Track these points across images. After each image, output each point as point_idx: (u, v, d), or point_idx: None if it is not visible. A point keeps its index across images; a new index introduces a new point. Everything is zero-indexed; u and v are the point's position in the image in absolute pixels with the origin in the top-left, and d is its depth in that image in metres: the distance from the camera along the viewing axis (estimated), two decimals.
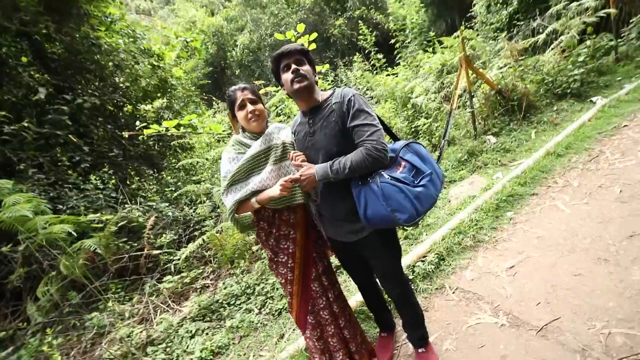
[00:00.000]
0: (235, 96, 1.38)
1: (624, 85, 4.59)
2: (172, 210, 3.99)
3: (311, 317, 1.48)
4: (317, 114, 1.36)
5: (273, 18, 12.32)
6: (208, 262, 3.60)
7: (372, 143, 1.21)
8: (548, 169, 3.14)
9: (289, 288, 1.45)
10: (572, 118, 4.21)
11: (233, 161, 1.39)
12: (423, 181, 1.27)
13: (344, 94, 1.31)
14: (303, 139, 1.41)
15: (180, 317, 2.73)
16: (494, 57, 5.85)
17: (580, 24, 4.85)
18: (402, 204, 1.21)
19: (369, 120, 1.25)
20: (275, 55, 1.33)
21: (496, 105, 4.65)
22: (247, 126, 1.42)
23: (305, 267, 1.46)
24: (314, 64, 1.39)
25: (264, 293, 2.73)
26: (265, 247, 1.47)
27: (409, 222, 1.22)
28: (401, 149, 1.34)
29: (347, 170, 1.23)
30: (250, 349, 2.24)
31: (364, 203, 1.27)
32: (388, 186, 1.22)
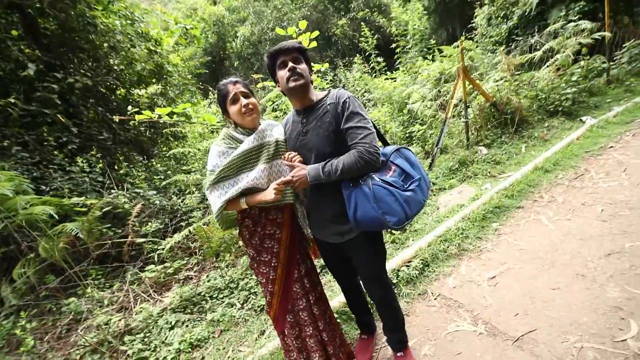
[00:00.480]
0: (227, 90, 1.34)
1: (612, 108, 4.73)
2: (160, 199, 3.93)
3: (290, 316, 1.47)
4: (311, 114, 1.36)
5: (276, 12, 12.23)
6: (193, 253, 3.56)
7: (365, 146, 1.22)
8: (535, 184, 3.21)
9: (270, 287, 1.43)
10: (561, 135, 4.31)
11: (223, 155, 1.34)
12: (412, 186, 1.29)
13: (339, 95, 1.30)
14: (295, 137, 1.41)
15: (161, 307, 2.70)
16: (491, 70, 5.95)
17: (576, 44, 4.97)
18: (393, 207, 1.22)
19: (362, 123, 1.25)
20: (273, 51, 1.31)
21: (490, 117, 4.73)
22: (241, 121, 1.37)
23: (289, 267, 1.45)
24: (310, 63, 1.39)
25: (248, 288, 2.71)
26: (248, 246, 1.44)
27: (398, 225, 1.24)
28: (392, 153, 1.35)
29: (339, 172, 1.23)
30: (230, 343, 2.22)
31: (354, 205, 1.28)
32: (379, 189, 1.23)
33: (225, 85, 1.36)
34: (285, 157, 1.38)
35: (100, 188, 3.73)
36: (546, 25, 6.51)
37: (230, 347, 2.17)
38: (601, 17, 5.72)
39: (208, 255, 3.35)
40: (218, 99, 1.39)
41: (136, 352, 2.25)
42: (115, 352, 2.33)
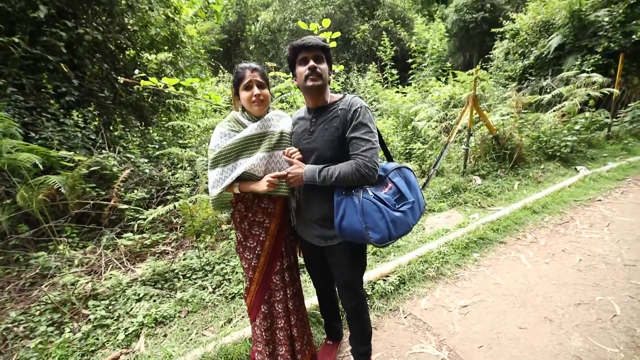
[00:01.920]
0: (244, 74, 1.34)
1: (607, 163, 4.86)
2: (150, 168, 3.86)
3: (265, 307, 1.48)
4: (321, 115, 1.35)
5: (301, 4, 12.14)
6: (174, 229, 3.51)
7: (365, 159, 1.21)
8: (521, 222, 3.27)
9: (251, 274, 1.45)
10: (554, 180, 4.40)
11: (224, 137, 1.35)
12: (404, 207, 1.28)
13: (353, 102, 1.29)
14: (301, 134, 1.40)
15: (132, 277, 2.65)
16: (500, 103, 6.04)
17: (584, 95, 5.08)
18: (378, 223, 1.22)
19: (368, 136, 1.24)
20: (296, 45, 1.29)
21: (490, 149, 4.80)
22: (249, 108, 1.38)
23: (272, 258, 1.45)
24: (331, 63, 1.37)
25: (223, 274, 2.69)
26: (237, 229, 1.45)
27: (380, 243, 1.24)
28: (392, 170, 1.34)
29: (333, 179, 1.24)
30: (195, 326, 2.20)
31: (342, 213, 1.28)
32: (368, 203, 1.22)
33: (244, 69, 1.35)
34: (286, 152, 1.37)
35: (91, 146, 3.65)
36: (560, 70, 6.65)
37: (195, 330, 2.14)
38: (613, 73, 5.88)
39: (189, 234, 3.31)
40: (234, 80, 1.38)
41: (98, 319, 2.20)
42: (77, 314, 2.28)
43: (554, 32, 7.15)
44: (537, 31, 7.69)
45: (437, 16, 12.01)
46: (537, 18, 7.71)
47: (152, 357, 1.88)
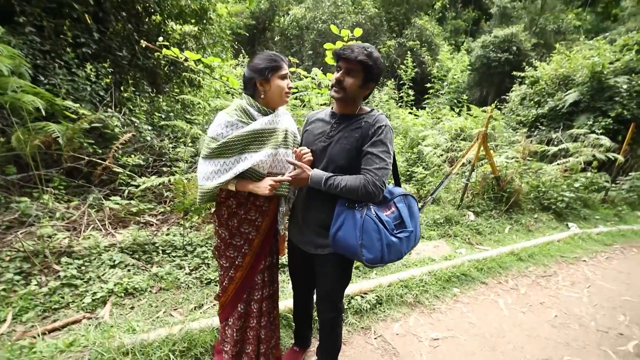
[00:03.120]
0: (280, 64, 1.28)
1: (598, 225, 4.91)
2: (152, 137, 3.81)
3: (242, 306, 1.43)
4: (344, 122, 1.33)
5: (333, 7, 12.20)
6: (163, 202, 3.47)
7: (374, 177, 1.20)
8: (506, 267, 3.28)
9: (232, 273, 1.39)
10: (545, 231, 4.44)
11: (231, 127, 1.25)
12: (401, 234, 1.28)
13: (378, 119, 1.28)
14: (318, 135, 1.37)
15: (111, 242, 2.60)
16: (507, 146, 6.10)
17: (590, 155, 5.15)
18: (374, 244, 1.21)
19: (384, 155, 1.23)
20: (338, 52, 1.27)
21: (489, 188, 4.83)
22: (276, 98, 1.30)
23: (258, 256, 1.42)
24: (371, 80, 1.27)
25: (203, 257, 2.65)
26: (222, 226, 1.36)
27: (370, 263, 1.23)
28: (399, 195, 1.35)
29: (338, 189, 1.23)
30: (165, 304, 2.15)
31: (340, 224, 1.26)
32: (370, 222, 1.22)
33: (281, 59, 1.29)
34: (297, 152, 1.34)
35: (97, 102, 3.59)
36: (571, 126, 6.75)
37: (163, 309, 2.10)
38: (620, 140, 5.98)
39: (177, 210, 3.26)
40: (264, 66, 1.26)
41: (68, 277, 2.15)
42: (48, 268, 2.23)
43: (573, 87, 7.26)
44: (556, 83, 7.80)
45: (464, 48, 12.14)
46: (558, 71, 7.83)
47: (115, 327, 1.84)
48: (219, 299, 1.45)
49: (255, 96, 1.33)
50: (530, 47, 12.34)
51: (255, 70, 1.28)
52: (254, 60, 1.30)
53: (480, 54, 12.67)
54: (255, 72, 1.28)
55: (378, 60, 1.26)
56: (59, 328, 1.84)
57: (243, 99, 1.35)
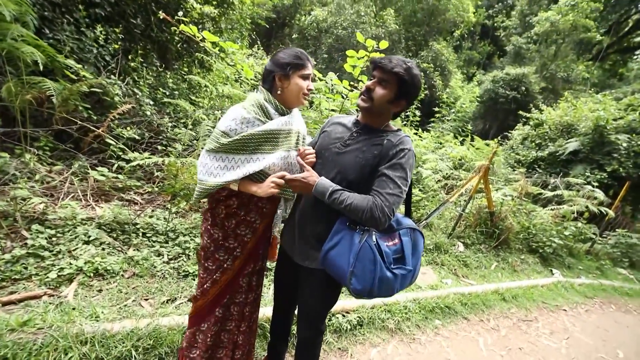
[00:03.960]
0: (305, 63, 1.19)
1: (581, 276, 4.95)
2: (153, 112, 3.66)
3: (221, 310, 1.32)
4: (365, 134, 1.23)
5: (355, 16, 12.22)
6: (152, 181, 3.31)
7: (384, 203, 1.10)
8: (489, 305, 3.23)
9: (217, 275, 1.27)
10: (529, 274, 4.43)
11: (247, 124, 1.15)
12: (398, 271, 1.15)
13: (403, 141, 1.18)
14: (333, 140, 1.27)
15: (89, 215, 2.44)
16: (503, 182, 6.13)
17: (583, 205, 5.21)
18: (366, 275, 1.11)
19: (399, 181, 1.13)
20: (375, 60, 1.19)
21: (482, 222, 4.81)
22: (292, 98, 1.22)
23: (248, 260, 1.31)
24: (404, 97, 1.17)
25: (184, 247, 2.51)
26: (215, 227, 1.25)
27: (357, 293, 1.13)
28: (406, 227, 1.23)
29: (342, 206, 1.12)
30: (135, 291, 2.01)
31: (335, 242, 1.17)
32: (368, 250, 1.11)
33: (306, 58, 1.21)
34: (300, 151, 1.25)
35: (102, 67, 3.43)
36: (567, 173, 6.85)
37: (133, 296, 1.96)
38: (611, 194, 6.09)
39: (165, 192, 3.11)
40: (287, 62, 1.18)
41: (36, 247, 1.99)
42: (15, 233, 2.06)
43: (574, 136, 7.39)
44: (559, 129, 7.94)
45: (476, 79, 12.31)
46: (563, 118, 7.97)
47: (77, 310, 1.69)
48: (195, 301, 1.32)
49: (272, 91, 1.24)
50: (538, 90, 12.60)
51: (276, 64, 1.20)
52: (278, 54, 1.21)
53: (490, 88, 12.88)
54: (276, 66, 1.20)
55: (416, 78, 1.15)
56: (16, 302, 1.68)
57: (260, 92, 1.25)
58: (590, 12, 13.15)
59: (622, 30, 18.91)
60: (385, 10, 12.78)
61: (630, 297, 4.89)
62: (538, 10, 15.26)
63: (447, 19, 13.89)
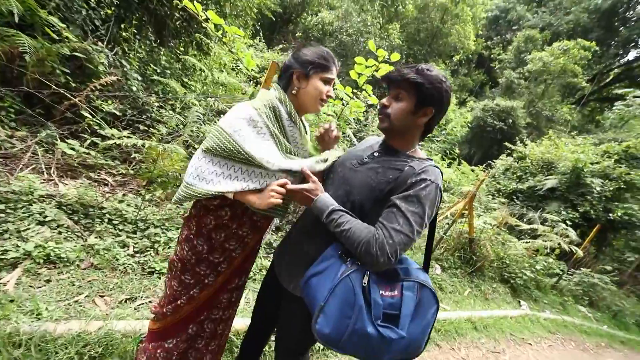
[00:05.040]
0: (330, 66, 1.06)
1: (545, 310, 5.09)
2: (140, 88, 3.39)
3: (194, 328, 1.15)
4: (386, 155, 1.08)
5: (361, 25, 12.25)
6: (128, 162, 3.06)
7: (387, 240, 0.89)
8: (462, 333, 3.21)
9: (194, 291, 1.10)
10: (500, 304, 4.49)
11: (254, 128, 1.00)
12: (385, 331, 0.87)
13: (426, 170, 0.97)
14: (351, 157, 1.14)
15: (49, 192, 2.18)
16: (484, 210, 6.25)
17: (555, 242, 5.38)
18: (338, 319, 0.87)
19: (411, 218, 0.91)
20: (385, 76, 1.06)
21: (461, 247, 4.85)
22: (309, 102, 1.08)
23: (232, 275, 1.16)
24: (427, 104, 0.99)
25: (154, 240, 2.29)
26: (199, 237, 1.08)
27: (324, 339, 0.89)
28: (413, 279, 0.97)
29: (339, 229, 0.95)
30: (91, 286, 1.79)
31: (321, 269, 0.98)
32: (347, 287, 0.89)
33: (332, 61, 1.07)
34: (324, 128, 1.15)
35: (89, 31, 3.14)
36: (543, 208, 7.09)
37: (87, 291, 1.74)
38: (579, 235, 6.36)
39: (141, 177, 2.87)
40: (308, 58, 1.05)
41: None
42: None
43: (554, 174, 7.69)
44: (540, 165, 8.24)
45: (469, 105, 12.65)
46: (545, 155, 8.29)
47: (16, 302, 1.46)
48: (162, 316, 1.14)
49: (287, 89, 1.09)
50: (524, 124, 13.12)
51: (297, 60, 1.06)
52: (302, 50, 1.08)
53: (479, 116, 13.27)
54: (296, 62, 1.06)
55: (436, 80, 0.97)
56: None
57: (275, 90, 1.09)
58: (580, 59, 13.91)
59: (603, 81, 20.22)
60: (391, 24, 12.90)
61: (588, 335, 5.08)
62: (533, 48, 15.99)
63: (449, 43, 14.23)
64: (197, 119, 2.99)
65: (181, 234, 1.13)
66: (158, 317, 1.16)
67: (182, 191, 1.00)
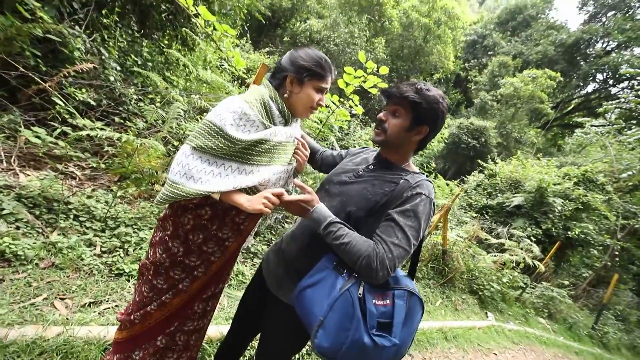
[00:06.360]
0: (325, 76, 1.04)
1: (509, 322, 5.33)
2: (118, 79, 3.22)
3: (164, 340, 1.07)
4: (381, 169, 1.09)
5: (349, 36, 12.51)
6: (100, 155, 2.87)
7: (386, 254, 0.91)
8: (433, 343, 3.27)
9: (167, 296, 1.03)
10: (469, 315, 4.65)
11: (246, 122, 0.97)
12: (380, 340, 0.89)
13: (420, 184, 1.00)
14: (347, 170, 1.15)
15: (8, 183, 1.99)
16: (457, 223, 6.50)
17: (520, 256, 5.69)
18: (337, 333, 0.89)
19: (409, 232, 0.93)
20: (384, 90, 1.08)
21: (434, 257, 4.99)
22: (299, 108, 1.07)
23: (209, 283, 1.10)
24: (422, 123, 1.03)
25: (124, 240, 2.15)
26: (175, 238, 1.01)
27: (322, 352, 0.90)
28: (403, 288, 0.99)
29: (338, 242, 0.94)
30: (50, 287, 1.64)
31: (314, 280, 0.97)
32: (347, 301, 0.90)
33: (329, 69, 1.05)
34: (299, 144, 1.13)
35: (65, 14, 2.95)
36: (510, 224, 7.50)
37: (46, 293, 1.59)
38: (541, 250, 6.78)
39: (113, 171, 2.71)
40: (305, 64, 1.02)
41: None
42: None
43: (520, 192, 8.18)
44: (509, 183, 8.74)
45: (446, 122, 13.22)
46: (513, 174, 8.81)
47: None
48: (129, 323, 1.05)
49: (278, 89, 1.07)
50: (495, 143, 13.90)
51: (294, 64, 1.03)
52: (298, 52, 1.05)
53: (455, 133, 13.92)
54: (292, 66, 1.03)
55: (433, 100, 1.00)
56: None
57: (266, 88, 1.06)
58: (546, 87, 15.03)
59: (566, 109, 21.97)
60: (377, 38, 13.29)
61: (547, 346, 5.37)
62: (505, 74, 17.08)
63: (430, 61, 14.88)
64: (178, 116, 2.88)
65: (154, 236, 1.06)
66: (125, 325, 1.08)
67: (167, 191, 0.93)
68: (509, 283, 5.76)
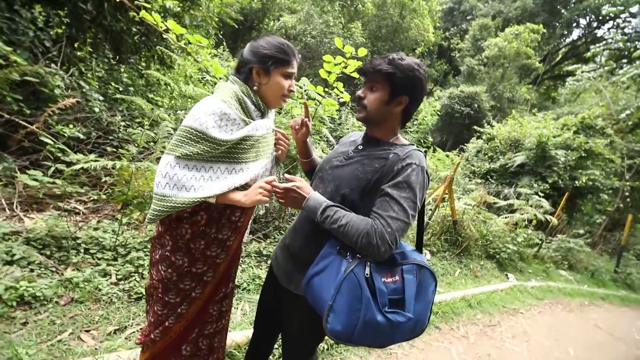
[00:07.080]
0: (290, 60, 1.02)
1: (531, 279, 5.34)
2: (103, 109, 3.22)
3: (188, 347, 1.09)
4: (370, 147, 1.09)
5: (324, 26, 12.38)
6: (99, 187, 2.89)
7: (385, 228, 0.89)
8: (458, 313, 3.29)
9: (182, 308, 1.04)
10: (489, 279, 4.67)
11: (227, 121, 0.95)
12: (393, 316, 0.89)
13: (410, 155, 0.98)
14: (338, 154, 1.15)
15: (15, 229, 2.01)
16: (463, 192, 6.49)
17: (531, 214, 5.68)
18: (348, 314, 0.88)
19: (406, 204, 0.92)
20: (360, 68, 1.07)
21: (446, 230, 4.99)
22: (271, 98, 1.06)
23: (219, 284, 1.11)
24: (400, 93, 1.00)
25: (137, 264, 2.18)
26: (177, 252, 1.00)
27: (336, 336, 0.90)
28: (411, 262, 0.98)
29: (335, 226, 0.94)
30: (74, 322, 1.67)
31: (321, 267, 0.98)
32: (353, 282, 0.89)
33: (292, 53, 1.03)
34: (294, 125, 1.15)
35: (39, 53, 2.95)
36: (516, 184, 7.47)
37: (70, 328, 1.62)
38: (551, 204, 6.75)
39: (115, 200, 2.73)
40: (267, 53, 1.00)
41: None
42: None
43: (521, 151, 8.12)
44: (508, 144, 8.68)
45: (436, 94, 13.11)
46: (511, 134, 8.75)
47: None
48: (151, 343, 1.06)
49: (247, 83, 1.05)
50: (488, 107, 13.78)
51: (256, 55, 1.01)
52: (259, 41, 1.03)
53: (446, 104, 13.81)
54: (255, 57, 1.01)
55: (408, 68, 0.98)
56: None
57: (235, 84, 1.04)
58: (531, 42, 14.82)
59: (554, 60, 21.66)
60: (353, 22, 13.14)
61: (572, 297, 5.38)
62: (487, 36, 16.85)
63: (410, 37, 14.70)
64: (168, 134, 2.89)
65: (153, 256, 1.06)
66: (147, 345, 1.09)
67: (158, 206, 0.91)
68: (524, 242, 5.76)
